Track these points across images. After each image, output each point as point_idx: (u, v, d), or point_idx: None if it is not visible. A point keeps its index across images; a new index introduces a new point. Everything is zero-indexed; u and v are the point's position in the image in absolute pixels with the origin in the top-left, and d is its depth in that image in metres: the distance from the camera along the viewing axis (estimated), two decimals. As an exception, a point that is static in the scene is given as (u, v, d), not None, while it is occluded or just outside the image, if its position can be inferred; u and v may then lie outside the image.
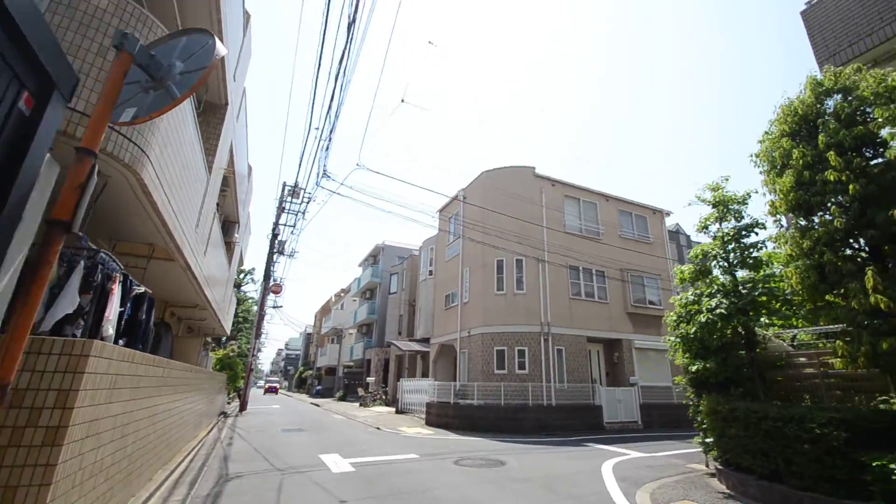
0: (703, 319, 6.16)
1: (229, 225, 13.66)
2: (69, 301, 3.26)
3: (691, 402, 7.69)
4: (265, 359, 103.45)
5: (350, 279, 48.35)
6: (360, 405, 23.38)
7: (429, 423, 14.40)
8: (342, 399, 30.84)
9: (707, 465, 7.73)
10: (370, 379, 25.21)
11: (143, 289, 4.97)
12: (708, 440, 7.02)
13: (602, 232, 17.74)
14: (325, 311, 59.70)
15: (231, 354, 19.72)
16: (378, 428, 13.38)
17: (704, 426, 6.88)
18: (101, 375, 3.14)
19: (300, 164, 11.17)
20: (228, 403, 23.11)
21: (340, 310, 45.89)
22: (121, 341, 4.67)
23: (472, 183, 17.86)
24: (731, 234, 6.76)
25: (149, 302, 5.60)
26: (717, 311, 5.99)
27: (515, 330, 14.77)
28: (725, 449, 6.15)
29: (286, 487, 5.79)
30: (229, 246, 13.64)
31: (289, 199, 22.66)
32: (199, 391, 9.70)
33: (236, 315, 30.65)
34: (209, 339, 19.16)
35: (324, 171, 10.64)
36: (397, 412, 18.04)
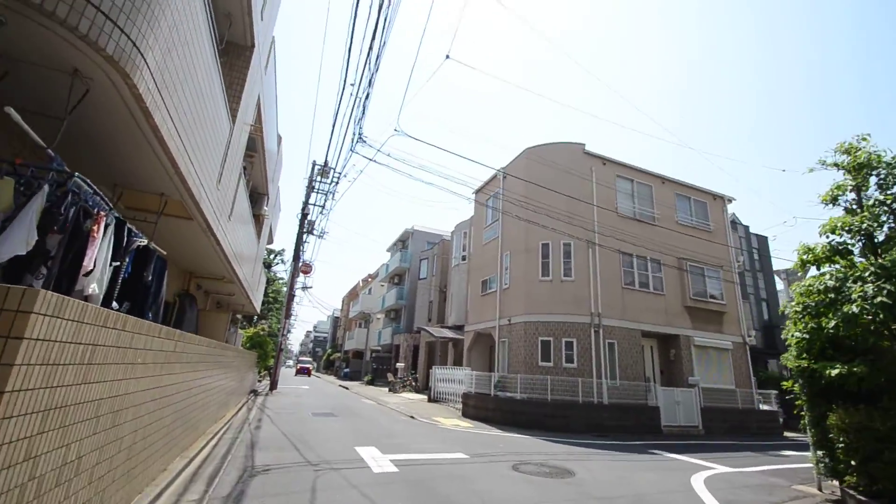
0: (854, 310, 4.72)
1: (258, 196, 12.86)
2: (21, 237, 2.26)
3: (804, 413, 6.27)
4: (294, 340, 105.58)
5: (378, 265, 47.96)
6: (390, 390, 22.68)
7: (466, 414, 13.36)
8: (370, 383, 30.36)
9: (820, 489, 6.32)
10: (400, 364, 24.47)
11: (145, 241, 3.99)
12: (826, 459, 5.63)
13: (658, 217, 16.04)
14: (352, 295, 59.80)
15: (261, 333, 19.26)
16: (412, 417, 12.45)
17: (831, 444, 5.48)
18: (60, 344, 2.12)
19: (332, 131, 10.13)
20: (259, 381, 22.90)
21: (368, 294, 45.54)
22: (119, 306, 3.72)
23: (515, 160, 16.45)
24: (891, 200, 5.23)
25: (159, 263, 4.66)
26: (877, 299, 4.55)
27: (562, 320, 13.45)
28: (875, 476, 4.75)
29: (321, 490, 4.81)
30: (258, 219, 12.87)
31: (318, 178, 22.02)
32: (227, 368, 8.95)
33: (266, 295, 30.52)
34: (239, 317, 18.73)
35: (359, 134, 9.56)
36: (430, 401, 17.13)
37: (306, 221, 22.54)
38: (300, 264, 22.21)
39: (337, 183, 20.96)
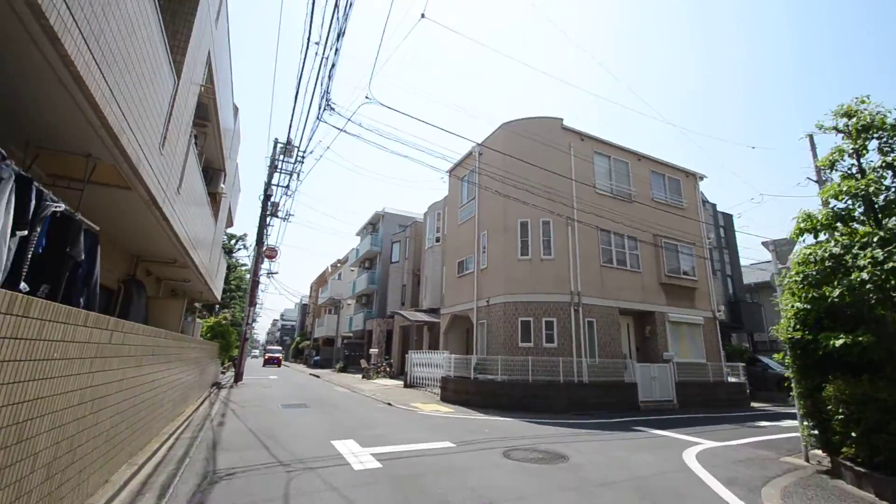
0: (864, 276, 4.50)
1: (214, 173, 11.70)
2: None
3: (794, 385, 6.17)
4: (261, 329, 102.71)
5: (347, 250, 46.57)
6: (363, 377, 22.07)
7: (445, 399, 12.98)
8: (343, 370, 29.61)
9: (808, 460, 6.30)
10: (373, 350, 23.85)
11: (62, 206, 3.16)
12: (816, 431, 5.57)
13: (635, 194, 15.97)
14: (321, 281, 58.20)
15: (223, 322, 18.09)
16: (389, 404, 11.93)
17: (826, 416, 5.37)
18: None
19: (295, 98, 9.16)
20: (223, 374, 21.70)
21: (338, 280, 44.34)
22: (30, 289, 2.92)
23: (491, 136, 15.86)
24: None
25: (88, 239, 3.82)
26: (888, 265, 4.33)
27: (543, 299, 13.19)
28: (877, 447, 4.62)
29: (295, 496, 4.20)
30: (214, 198, 11.74)
31: (281, 157, 20.72)
32: (183, 361, 8.06)
33: (228, 283, 28.90)
34: (198, 306, 17.47)
35: (327, 100, 8.67)
36: (406, 386, 16.67)
37: (269, 203, 21.26)
38: (264, 249, 20.96)
39: (302, 161, 19.79)
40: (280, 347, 50.74)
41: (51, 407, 2.75)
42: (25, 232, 2.61)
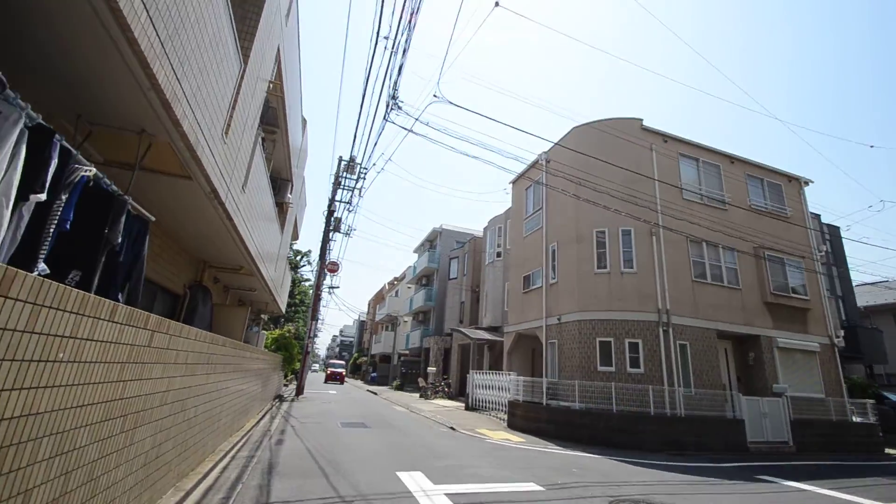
0: None
1: (281, 183, 11.68)
2: None
3: None
4: (321, 344, 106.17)
5: (404, 267, 46.80)
6: (420, 396, 21.25)
7: (513, 426, 11.73)
8: (399, 388, 29.04)
9: None
10: (431, 369, 23.01)
11: (93, 170, 2.63)
12: None
13: (728, 200, 14.04)
14: (378, 298, 59.00)
15: (287, 335, 18.21)
16: (452, 428, 10.93)
17: None
18: None
19: (363, 96, 8.78)
20: (285, 386, 21.90)
21: (395, 297, 44.44)
22: (50, 272, 2.37)
23: (561, 141, 14.78)
24: None
25: (137, 225, 3.34)
26: None
27: (624, 318, 11.66)
28: None
29: (357, 548, 3.35)
30: (282, 208, 11.69)
31: (345, 174, 21.05)
32: (245, 372, 7.68)
33: (292, 297, 29.74)
34: (264, 317, 17.72)
35: (394, 97, 8.17)
36: (468, 409, 15.56)
37: (333, 218, 21.56)
38: (327, 263, 21.15)
39: (364, 177, 19.92)
40: (343, 362, 46.85)
41: (53, 426, 2.13)
42: (42, 196, 2.07)
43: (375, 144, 10.19)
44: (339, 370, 35.26)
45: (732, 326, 12.59)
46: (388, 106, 8.29)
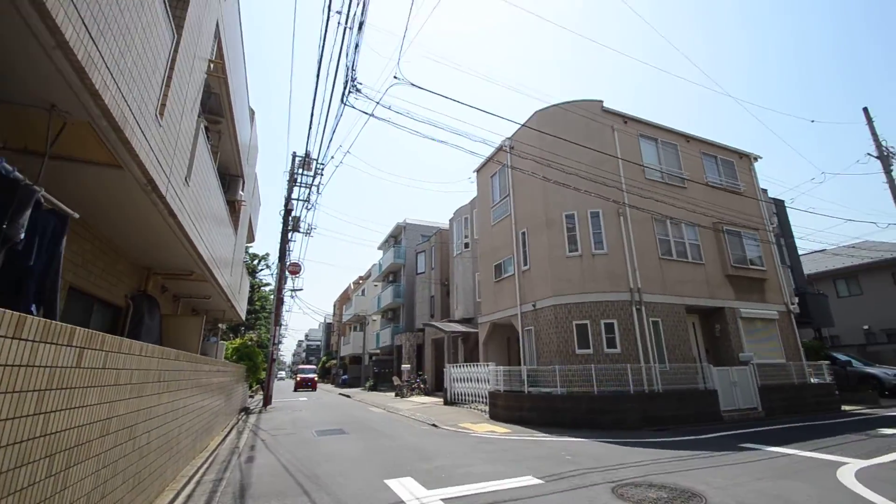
0: None
1: (231, 179, 10.79)
2: None
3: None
4: (286, 350, 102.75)
5: (369, 265, 45.78)
6: (396, 395, 20.74)
7: (495, 417, 11.52)
8: (373, 388, 28.35)
9: None
10: (405, 367, 22.52)
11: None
12: None
13: (687, 178, 14.42)
14: (343, 299, 57.60)
15: (248, 343, 17.13)
16: (435, 426, 10.57)
17: None
18: None
19: (317, 80, 8.14)
20: (250, 397, 20.72)
21: (362, 296, 43.44)
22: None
23: (523, 126, 14.60)
24: None
25: (49, 220, 2.69)
26: None
27: (599, 299, 11.68)
28: None
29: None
30: (233, 206, 10.81)
31: (301, 171, 20.09)
32: (204, 387, 6.93)
33: (252, 303, 28.22)
34: (222, 327, 16.56)
35: (353, 79, 7.58)
36: (447, 403, 15.25)
37: (290, 218, 20.51)
38: (288, 265, 20.09)
39: (321, 173, 19.07)
40: (313, 366, 39.74)
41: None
42: None
43: (333, 132, 9.53)
44: (310, 375, 31.72)
45: (699, 300, 12.95)
46: (345, 88, 7.70)
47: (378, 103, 7.97)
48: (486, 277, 16.27)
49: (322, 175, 19.18)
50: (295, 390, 29.61)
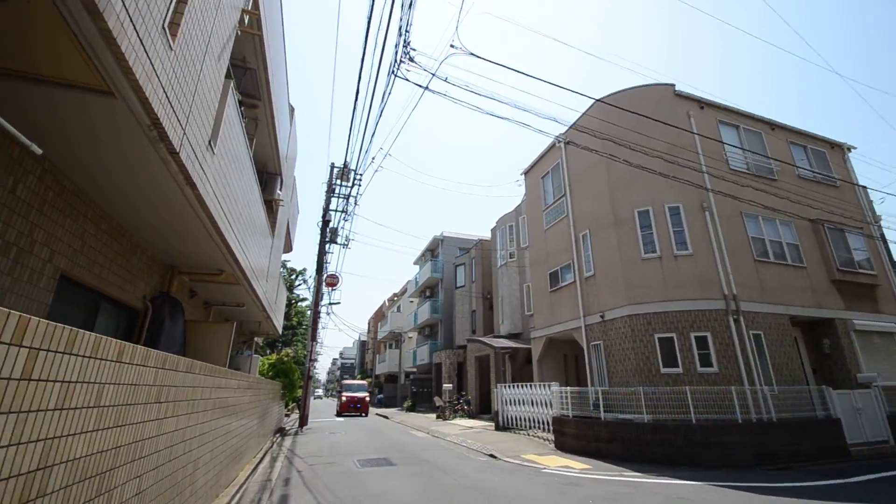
0: None
1: (269, 177, 9.93)
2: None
3: None
4: (320, 368, 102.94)
5: (404, 282, 44.88)
6: (438, 417, 19.16)
7: (562, 447, 9.80)
8: (411, 409, 26.84)
9: None
10: (447, 386, 20.98)
11: None
12: None
13: (777, 169, 12.48)
14: (378, 316, 56.92)
15: (285, 359, 16.19)
16: (493, 456, 9.01)
17: None
18: None
19: (363, 51, 7.09)
20: (286, 416, 19.74)
21: (397, 312, 42.44)
22: None
23: (581, 119, 13.20)
24: None
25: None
26: None
27: (686, 308, 9.89)
28: None
29: None
30: (271, 206, 9.91)
31: (338, 181, 19.48)
32: (230, 408, 5.77)
33: (289, 318, 27.64)
34: (258, 340, 15.71)
35: (406, 44, 6.48)
36: (498, 429, 13.57)
37: (328, 229, 19.80)
38: (325, 276, 19.25)
39: (359, 183, 18.34)
40: (363, 382, 29.58)
41: None
42: None
43: (379, 118, 8.42)
44: (360, 394, 23.29)
45: (804, 310, 10.85)
46: (396, 55, 6.60)
47: (434, 75, 6.83)
48: (540, 287, 14.69)
49: (360, 184, 18.47)
50: (339, 414, 22.53)
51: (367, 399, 23.52)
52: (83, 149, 3.22)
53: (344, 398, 22.90)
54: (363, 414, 22.35)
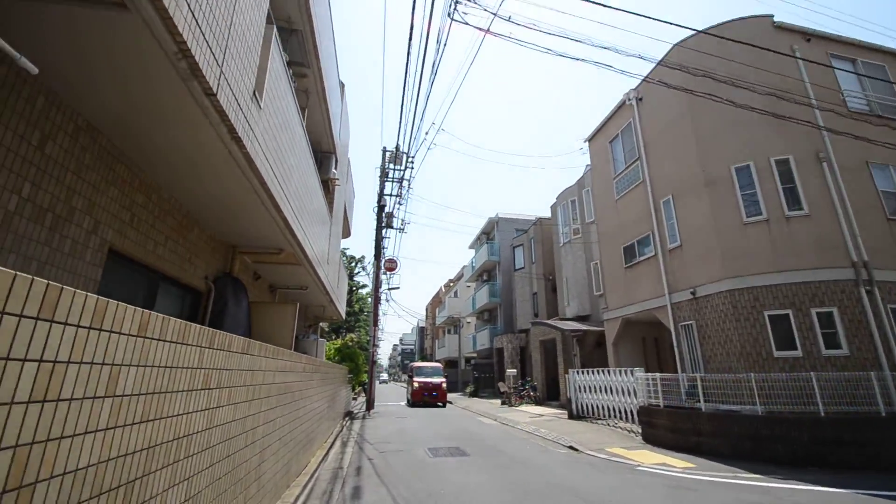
0: None
1: (323, 156, 9.59)
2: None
3: None
4: (382, 354, 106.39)
5: (459, 265, 44.47)
6: (503, 403, 18.53)
7: (651, 440, 8.73)
8: (473, 394, 26.48)
9: None
10: (511, 371, 20.22)
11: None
12: None
13: (913, 108, 10.20)
14: (436, 302, 57.20)
15: (350, 343, 16.28)
16: (573, 448, 8.18)
17: None
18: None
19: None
20: (354, 399, 20.09)
21: (454, 298, 42.22)
22: None
23: (660, 65, 11.58)
24: None
25: None
26: None
27: (804, 279, 8.31)
28: None
29: None
30: (327, 186, 9.58)
31: (391, 164, 19.19)
32: (296, 393, 5.44)
33: (350, 305, 28.16)
34: (322, 325, 15.89)
35: (466, -16, 5.63)
36: (571, 417, 12.64)
37: (383, 214, 19.62)
38: (384, 261, 19.13)
39: (412, 166, 17.91)
40: (439, 364, 22.90)
41: None
42: None
43: (433, 78, 7.64)
44: (436, 380, 19.33)
45: (956, 279, 8.78)
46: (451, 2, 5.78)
47: (495, 15, 5.94)
48: (613, 263, 13.39)
49: (413, 167, 18.02)
50: (412, 404, 18.87)
51: (445, 386, 19.56)
52: (107, 89, 2.76)
53: (416, 384, 18.88)
54: (440, 403, 18.89)
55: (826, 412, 7.02)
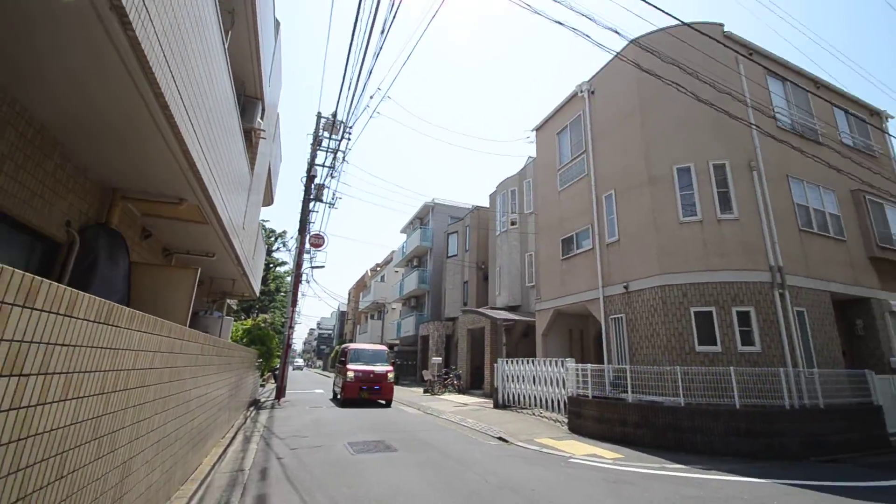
0: None
1: (248, 101, 8.11)
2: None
3: None
4: (297, 338, 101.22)
5: (387, 250, 43.28)
6: (426, 392, 18.13)
7: (578, 430, 8.73)
8: (395, 382, 25.74)
9: None
10: (436, 360, 19.87)
11: None
12: None
13: (821, 133, 11.31)
14: (360, 286, 55.46)
15: (262, 325, 14.62)
16: (503, 440, 7.87)
17: None
18: None
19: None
20: (262, 386, 18.32)
21: (381, 282, 41.00)
22: None
23: (610, 63, 11.62)
24: None
25: None
26: None
27: (729, 279, 8.73)
28: None
29: None
30: (250, 138, 8.15)
31: (325, 133, 17.61)
32: (195, 382, 4.28)
33: (266, 283, 25.79)
34: (230, 303, 14.04)
35: None
36: (497, 406, 12.50)
37: (314, 185, 17.95)
38: (309, 236, 17.50)
39: (349, 136, 16.58)
40: (383, 348, 16.45)
41: None
42: None
43: (385, 35, 6.61)
44: (381, 369, 14.00)
45: (844, 287, 9.91)
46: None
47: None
48: (550, 255, 13.41)
49: (350, 138, 16.62)
50: (342, 402, 13.58)
51: (392, 376, 14.31)
52: None
53: (350, 374, 13.28)
54: (383, 401, 13.70)
55: (741, 405, 7.40)
